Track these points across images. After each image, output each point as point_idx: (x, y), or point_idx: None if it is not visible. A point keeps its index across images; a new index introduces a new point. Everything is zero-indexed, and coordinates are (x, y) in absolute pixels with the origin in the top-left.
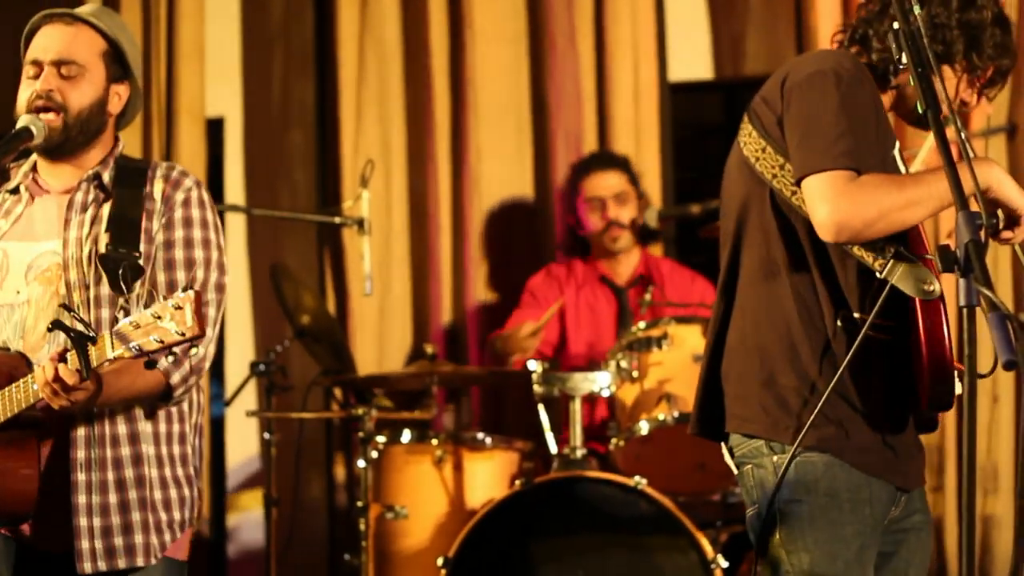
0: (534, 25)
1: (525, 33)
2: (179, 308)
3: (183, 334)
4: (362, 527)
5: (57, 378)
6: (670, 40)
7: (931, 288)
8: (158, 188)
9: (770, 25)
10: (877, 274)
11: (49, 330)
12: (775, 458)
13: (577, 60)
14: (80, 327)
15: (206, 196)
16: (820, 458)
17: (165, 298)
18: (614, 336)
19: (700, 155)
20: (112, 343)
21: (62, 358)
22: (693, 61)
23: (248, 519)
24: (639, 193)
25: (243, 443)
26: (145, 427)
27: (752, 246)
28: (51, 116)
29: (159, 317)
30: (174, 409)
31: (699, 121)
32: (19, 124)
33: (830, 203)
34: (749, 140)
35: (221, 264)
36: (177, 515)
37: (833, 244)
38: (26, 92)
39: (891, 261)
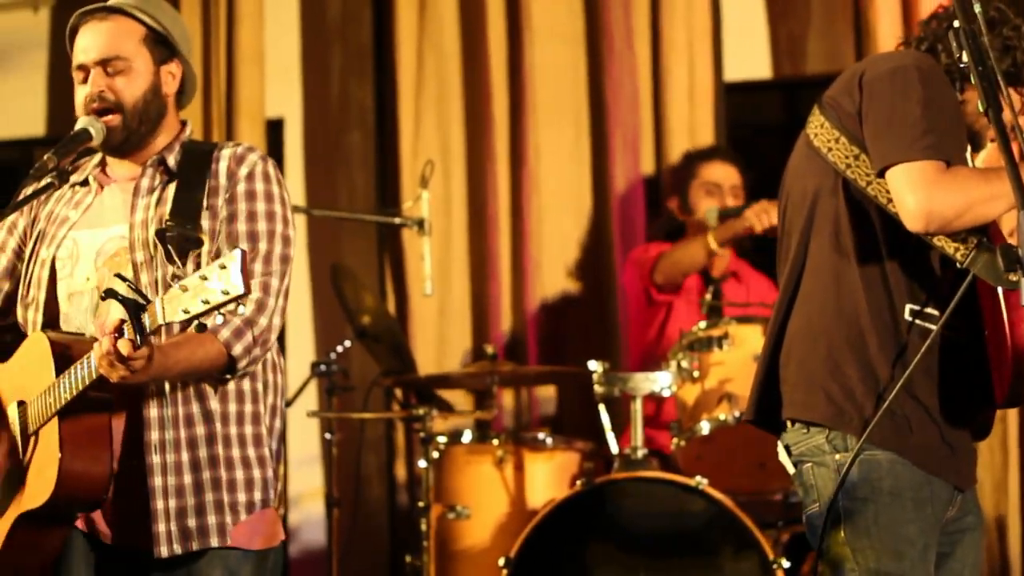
0: (591, 25)
1: (583, 33)
2: (224, 267)
3: (227, 292)
4: (423, 527)
5: (113, 349)
6: (727, 40)
7: (1015, 279)
8: (223, 166)
9: (829, 24)
10: (958, 264)
11: (102, 298)
12: (837, 456)
13: (634, 60)
14: (134, 294)
15: (271, 170)
16: (884, 456)
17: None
18: None
19: (757, 155)
20: (163, 307)
21: (119, 330)
22: (750, 61)
23: (310, 519)
24: (744, 194)
25: (304, 444)
26: (217, 406)
27: (821, 235)
28: (109, 117)
29: (205, 278)
30: (247, 389)
31: (757, 121)
32: (77, 126)
33: (921, 192)
34: (821, 131)
35: (286, 236)
36: (246, 496)
37: (912, 235)
38: (80, 97)
39: (974, 251)
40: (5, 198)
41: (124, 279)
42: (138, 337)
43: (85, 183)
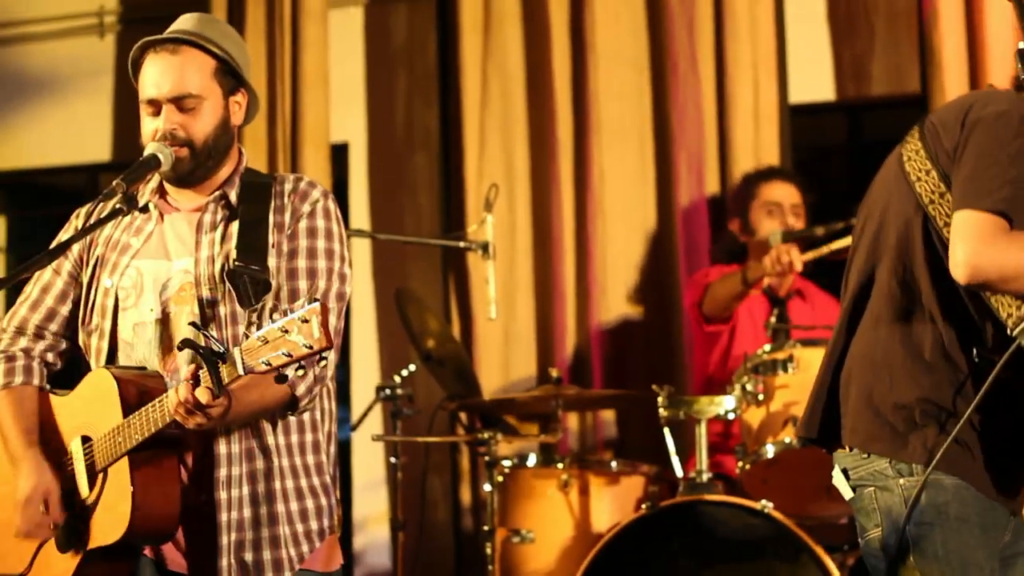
0: (655, 48)
1: (647, 56)
2: (306, 321)
3: (311, 347)
4: (488, 551)
5: (191, 397)
6: (791, 62)
7: None
8: (285, 201)
9: (893, 46)
10: (1008, 330)
11: (179, 348)
12: (902, 481)
13: (698, 82)
14: (212, 344)
15: (332, 206)
16: (950, 481)
17: (291, 311)
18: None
19: (821, 176)
20: (242, 359)
21: (195, 378)
22: (815, 82)
23: (374, 543)
24: (806, 213)
25: (369, 467)
26: (278, 440)
27: (892, 261)
28: (179, 148)
29: (287, 331)
30: (306, 419)
31: (821, 142)
32: (147, 152)
33: (972, 244)
34: (915, 157)
35: (343, 274)
36: (315, 525)
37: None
38: (148, 128)
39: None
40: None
41: (199, 327)
42: (216, 388)
43: (145, 209)
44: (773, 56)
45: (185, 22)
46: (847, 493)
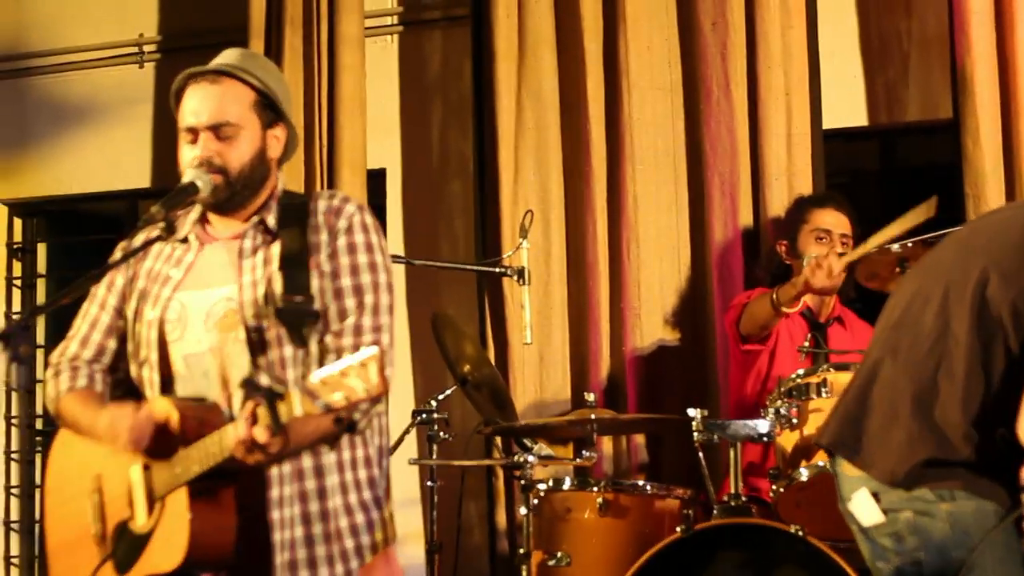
0: (688, 74)
1: (680, 82)
2: (364, 366)
3: (368, 391)
4: (524, 574)
5: (251, 436)
6: (824, 88)
7: None
8: (321, 220)
9: (925, 71)
10: None
11: (241, 387)
12: (944, 506)
13: (731, 108)
14: (271, 383)
15: (368, 219)
16: (992, 506)
17: (351, 351)
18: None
19: (855, 202)
20: (300, 401)
21: (253, 416)
22: (847, 108)
23: (411, 566)
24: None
25: (405, 490)
26: (329, 458)
27: (949, 311)
28: (215, 176)
29: (345, 374)
30: (357, 435)
31: (854, 168)
32: (185, 178)
33: None
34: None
35: (389, 285)
36: (365, 539)
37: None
38: (187, 156)
39: None
40: (113, 248)
41: (259, 367)
42: (275, 427)
43: (184, 240)
44: (806, 82)
45: (227, 56)
46: (875, 517)
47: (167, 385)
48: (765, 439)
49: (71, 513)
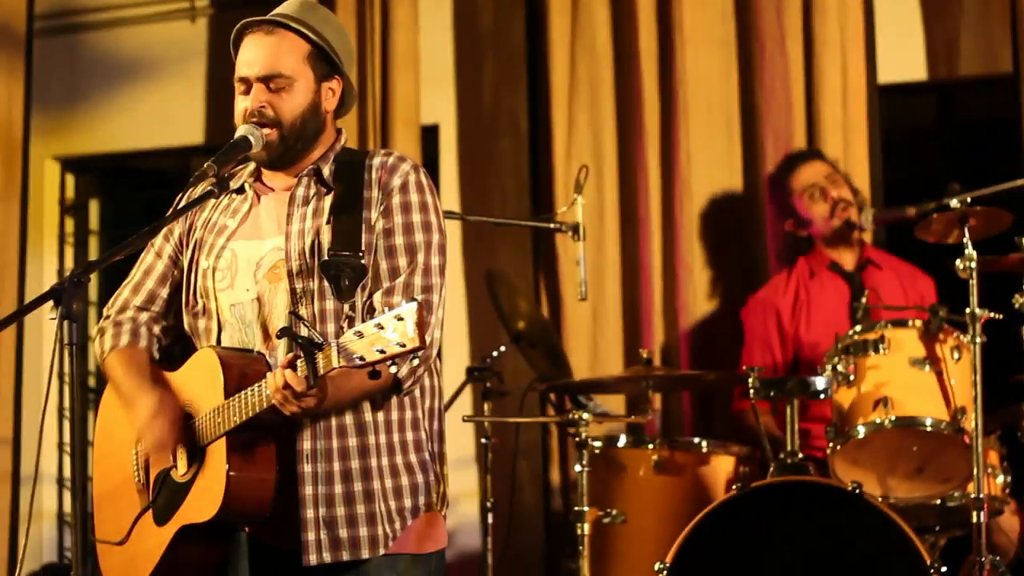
0: (742, 28)
1: (734, 36)
2: (401, 319)
3: (404, 345)
4: (579, 532)
5: (287, 385)
6: (881, 41)
7: None
8: (375, 176)
9: (985, 25)
10: None
11: (278, 337)
12: None
13: (786, 62)
14: (311, 334)
15: (424, 179)
16: None
17: (391, 306)
18: (848, 323)
19: (912, 157)
20: (337, 353)
21: (292, 365)
22: (905, 62)
23: (465, 524)
24: (844, 177)
25: (460, 448)
26: (374, 416)
27: None
28: (268, 131)
29: (382, 327)
30: (405, 396)
31: (912, 123)
32: (237, 134)
33: None
34: None
35: (442, 246)
36: (408, 502)
37: None
38: (239, 107)
39: None
40: (166, 205)
41: (299, 316)
42: (312, 378)
43: (241, 190)
44: (861, 35)
45: (286, 7)
46: None
47: (220, 335)
48: (822, 396)
49: (117, 463)
